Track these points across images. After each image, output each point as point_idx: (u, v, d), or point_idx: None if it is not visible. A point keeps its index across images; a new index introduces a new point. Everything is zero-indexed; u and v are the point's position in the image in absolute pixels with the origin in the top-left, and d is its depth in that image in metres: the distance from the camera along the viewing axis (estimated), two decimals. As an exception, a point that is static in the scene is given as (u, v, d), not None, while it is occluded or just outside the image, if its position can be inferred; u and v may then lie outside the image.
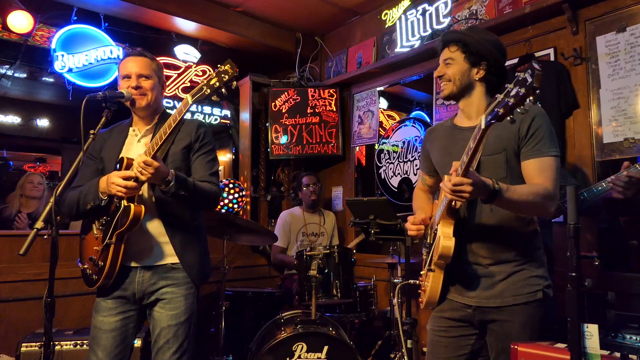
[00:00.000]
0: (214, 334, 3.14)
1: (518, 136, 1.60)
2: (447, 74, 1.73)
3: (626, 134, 2.52)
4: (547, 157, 1.57)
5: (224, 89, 1.64)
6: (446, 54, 1.74)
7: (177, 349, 1.84)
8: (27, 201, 3.79)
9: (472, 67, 1.70)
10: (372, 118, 4.12)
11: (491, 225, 1.63)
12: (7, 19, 3.27)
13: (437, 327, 1.75)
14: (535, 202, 1.50)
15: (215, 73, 1.64)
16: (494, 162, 1.62)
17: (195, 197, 1.84)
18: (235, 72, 1.63)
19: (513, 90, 1.19)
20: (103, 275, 1.79)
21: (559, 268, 2.29)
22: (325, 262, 2.84)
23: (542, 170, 1.56)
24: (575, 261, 1.08)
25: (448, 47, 1.74)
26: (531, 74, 1.14)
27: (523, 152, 1.60)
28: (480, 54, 1.68)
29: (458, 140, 1.73)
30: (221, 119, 4.91)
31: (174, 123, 1.72)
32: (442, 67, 1.75)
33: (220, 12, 4.03)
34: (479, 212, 1.65)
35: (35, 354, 2.53)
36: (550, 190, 1.52)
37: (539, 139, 1.58)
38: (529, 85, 1.15)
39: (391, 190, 3.88)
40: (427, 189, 1.99)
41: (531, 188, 1.53)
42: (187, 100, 1.70)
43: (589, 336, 1.11)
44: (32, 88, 6.80)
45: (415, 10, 3.57)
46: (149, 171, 1.67)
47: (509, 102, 1.20)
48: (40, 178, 3.91)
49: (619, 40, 2.57)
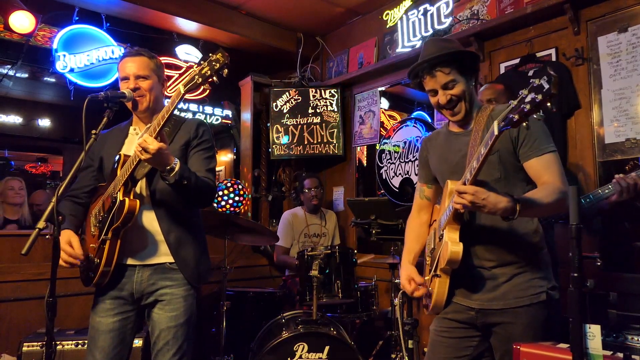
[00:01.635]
0: (215, 334, 3.14)
1: (510, 137, 1.60)
2: (455, 95, 1.63)
3: (628, 134, 2.52)
4: (547, 153, 1.57)
5: (215, 77, 1.61)
6: (442, 79, 1.62)
7: (176, 350, 1.83)
8: (11, 208, 3.76)
9: (470, 83, 1.67)
10: (373, 118, 4.12)
11: (493, 228, 1.63)
12: (9, 19, 3.28)
13: (439, 327, 1.75)
14: (553, 204, 1.48)
15: (206, 62, 1.62)
16: (488, 163, 1.60)
17: (195, 189, 1.80)
18: (227, 60, 1.61)
19: (528, 96, 1.17)
20: (98, 272, 1.78)
21: (562, 269, 2.28)
22: (327, 262, 2.84)
23: (547, 167, 1.56)
24: (577, 262, 1.08)
25: (441, 70, 1.61)
26: (548, 80, 1.13)
27: (522, 153, 1.60)
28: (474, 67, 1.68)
29: (454, 145, 1.73)
30: (222, 119, 4.92)
31: (167, 114, 1.68)
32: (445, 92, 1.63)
33: (222, 12, 4.03)
34: (480, 214, 1.64)
35: (36, 353, 2.54)
36: (561, 187, 1.52)
37: (535, 137, 1.58)
38: (546, 91, 1.14)
39: (392, 191, 3.88)
40: (425, 205, 1.95)
41: (545, 191, 1.51)
42: (179, 90, 1.66)
43: (591, 337, 1.11)
44: (33, 88, 6.81)
45: (417, 11, 3.57)
46: (151, 149, 1.61)
47: (524, 108, 1.18)
48: (20, 183, 3.83)
49: (620, 40, 2.56)
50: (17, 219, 3.76)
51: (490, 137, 1.32)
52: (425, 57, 1.64)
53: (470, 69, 1.67)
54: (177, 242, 1.88)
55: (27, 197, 3.87)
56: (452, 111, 1.67)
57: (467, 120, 1.71)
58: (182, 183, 1.73)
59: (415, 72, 1.69)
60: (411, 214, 2.00)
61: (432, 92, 1.68)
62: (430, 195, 1.93)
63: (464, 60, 1.64)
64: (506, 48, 3.08)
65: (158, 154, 1.64)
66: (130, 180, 1.78)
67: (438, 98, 1.66)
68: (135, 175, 1.80)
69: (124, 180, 1.76)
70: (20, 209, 3.79)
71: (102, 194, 1.89)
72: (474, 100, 1.71)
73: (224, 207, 3.94)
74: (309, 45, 4.55)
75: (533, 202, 1.45)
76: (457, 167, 1.68)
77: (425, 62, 1.64)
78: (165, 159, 1.68)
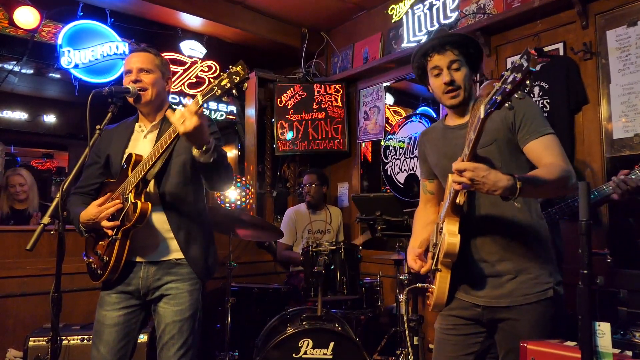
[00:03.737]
0: (219, 330, 3.14)
1: (507, 124, 1.60)
2: (456, 80, 1.65)
3: (636, 129, 2.49)
4: (545, 135, 1.56)
5: (234, 90, 1.62)
6: (450, 57, 1.64)
7: (182, 344, 1.84)
8: (15, 203, 3.78)
9: (471, 75, 1.69)
10: (378, 114, 4.10)
11: (493, 219, 1.61)
12: (14, 15, 3.28)
13: (445, 325, 1.74)
14: (556, 182, 1.46)
15: (226, 74, 1.61)
16: (487, 154, 1.60)
17: (223, 166, 1.80)
18: (247, 74, 1.60)
19: (510, 76, 1.17)
20: (108, 270, 1.79)
21: (567, 265, 2.26)
22: (332, 258, 2.84)
23: (547, 148, 1.55)
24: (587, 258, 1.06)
25: (451, 49, 1.64)
26: (527, 59, 1.13)
27: (520, 137, 1.59)
28: (479, 61, 1.69)
29: (451, 139, 1.72)
30: (227, 115, 4.91)
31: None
32: (449, 72, 1.65)
33: (226, 7, 4.02)
34: (479, 206, 1.62)
35: (42, 348, 2.55)
36: (564, 166, 1.50)
37: (531, 120, 1.57)
38: (524, 69, 1.13)
39: (397, 187, 3.87)
40: (430, 199, 1.94)
41: (547, 169, 1.48)
42: (197, 100, 1.65)
43: (601, 334, 1.09)
44: (38, 84, 6.84)
45: (422, 5, 3.54)
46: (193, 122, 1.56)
47: (505, 88, 1.18)
48: (22, 178, 3.79)
49: (629, 34, 2.53)
50: (25, 208, 3.78)
51: (478, 121, 1.30)
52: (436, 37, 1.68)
53: (475, 61, 1.69)
54: (187, 240, 1.89)
55: (35, 187, 3.88)
56: (451, 94, 1.67)
57: (464, 110, 1.71)
58: (215, 158, 1.70)
59: (424, 50, 1.69)
60: (418, 208, 2.01)
61: (436, 70, 1.67)
62: (433, 189, 1.93)
63: (470, 50, 1.66)
64: (513, 43, 3.05)
65: (199, 129, 1.59)
66: (141, 182, 1.77)
67: (442, 77, 1.65)
68: (146, 177, 1.79)
69: (136, 182, 1.76)
70: (27, 201, 3.82)
71: (110, 191, 1.89)
72: (472, 92, 1.72)
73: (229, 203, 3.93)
74: (313, 40, 4.53)
75: (535, 180, 1.42)
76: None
77: (437, 39, 1.66)
78: (204, 134, 1.65)
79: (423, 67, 1.73)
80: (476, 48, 1.70)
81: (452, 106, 1.71)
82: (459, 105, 1.69)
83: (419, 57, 1.72)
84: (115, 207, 1.77)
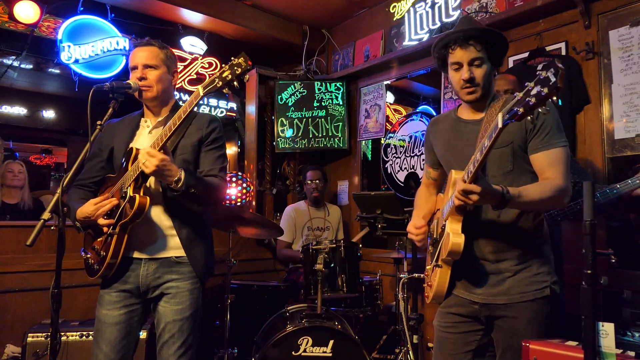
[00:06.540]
0: (219, 327, 3.13)
1: (525, 129, 1.57)
2: (476, 78, 1.59)
3: (638, 129, 2.48)
4: (556, 148, 1.55)
5: (236, 82, 1.61)
6: (472, 53, 1.57)
7: (182, 343, 1.83)
8: (9, 191, 3.75)
9: (492, 70, 1.64)
10: (378, 112, 4.09)
11: (496, 220, 1.61)
12: (14, 9, 3.27)
13: (444, 323, 1.74)
14: (547, 200, 1.50)
15: (228, 66, 1.60)
16: (501, 154, 1.59)
17: (205, 194, 1.81)
18: (248, 65, 1.60)
19: (534, 89, 1.15)
20: (104, 265, 1.77)
21: (568, 265, 2.26)
22: (331, 256, 2.83)
23: (552, 163, 1.54)
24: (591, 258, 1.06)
25: (474, 44, 1.56)
26: (554, 73, 1.10)
27: (531, 145, 1.58)
28: (503, 55, 1.64)
29: (462, 133, 1.70)
30: (227, 112, 4.90)
31: (184, 115, 1.68)
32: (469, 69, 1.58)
33: (227, 3, 4.00)
34: (484, 207, 1.62)
35: (41, 344, 2.54)
36: (560, 185, 1.50)
37: (547, 131, 1.55)
38: (552, 85, 1.10)
39: (398, 185, 3.86)
40: (432, 183, 1.97)
41: (542, 187, 1.51)
42: (198, 92, 1.65)
43: (604, 335, 1.09)
44: (38, 79, 6.81)
45: (424, 3, 3.53)
46: (153, 163, 1.63)
47: (529, 101, 1.15)
48: (20, 166, 3.82)
49: (632, 34, 2.52)
50: (16, 202, 3.75)
51: (494, 129, 1.29)
52: (461, 29, 1.61)
53: (498, 56, 1.64)
54: (189, 239, 1.88)
55: (27, 182, 3.86)
56: (469, 89, 1.62)
57: (481, 106, 1.67)
58: (189, 192, 1.73)
59: (446, 42, 1.63)
60: (420, 189, 2.02)
61: (456, 66, 1.62)
62: (436, 176, 1.94)
63: (495, 45, 1.61)
64: (515, 42, 3.04)
65: (161, 167, 1.64)
66: (141, 176, 1.75)
67: (462, 73, 1.60)
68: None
69: (135, 175, 1.74)
70: (20, 193, 3.78)
71: (110, 186, 1.88)
72: (491, 89, 1.68)
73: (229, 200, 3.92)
74: (314, 37, 4.51)
75: (525, 198, 1.45)
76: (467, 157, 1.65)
77: (462, 32, 1.59)
78: (168, 172, 1.67)
79: (444, 58, 1.67)
80: (503, 42, 1.64)
81: (468, 102, 1.67)
82: (475, 101, 1.65)
83: (440, 48, 1.66)
84: (111, 204, 1.76)
